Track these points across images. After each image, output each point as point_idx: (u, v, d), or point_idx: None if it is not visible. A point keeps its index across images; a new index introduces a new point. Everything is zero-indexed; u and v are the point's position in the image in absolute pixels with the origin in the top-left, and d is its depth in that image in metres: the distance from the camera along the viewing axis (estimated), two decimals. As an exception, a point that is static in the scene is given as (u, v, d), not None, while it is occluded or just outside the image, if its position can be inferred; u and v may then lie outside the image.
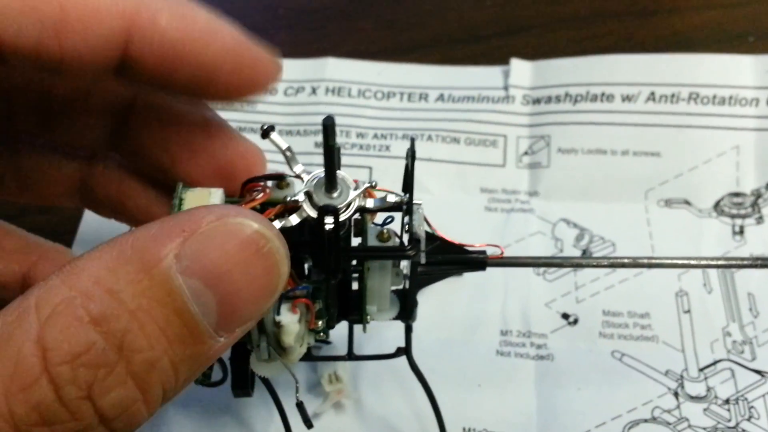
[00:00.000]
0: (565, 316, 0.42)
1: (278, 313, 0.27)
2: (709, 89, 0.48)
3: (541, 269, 0.44)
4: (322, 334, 0.30)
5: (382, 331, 0.41)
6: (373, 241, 0.29)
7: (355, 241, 0.29)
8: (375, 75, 0.53)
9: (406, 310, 0.32)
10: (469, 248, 0.32)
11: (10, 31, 0.24)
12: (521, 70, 0.51)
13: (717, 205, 0.46)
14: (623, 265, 0.34)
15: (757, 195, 0.46)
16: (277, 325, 0.27)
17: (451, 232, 0.46)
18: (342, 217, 0.26)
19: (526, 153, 0.49)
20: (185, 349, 0.22)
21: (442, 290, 0.43)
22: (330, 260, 0.27)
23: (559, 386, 0.39)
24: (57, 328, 0.20)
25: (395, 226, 0.29)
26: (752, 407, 0.38)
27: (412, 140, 0.27)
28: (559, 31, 0.55)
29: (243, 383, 0.32)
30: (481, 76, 0.52)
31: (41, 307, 0.20)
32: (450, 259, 0.31)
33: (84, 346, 0.20)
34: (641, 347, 0.41)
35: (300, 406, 0.32)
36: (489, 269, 0.44)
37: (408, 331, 0.33)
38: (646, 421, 0.38)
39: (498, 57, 0.52)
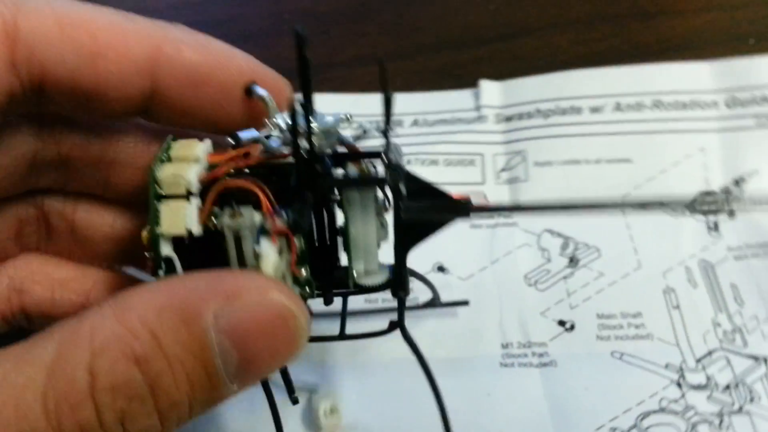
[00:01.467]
0: (562, 323, 0.43)
1: (257, 243, 0.27)
2: (670, 96, 0.50)
3: (533, 281, 0.45)
4: (307, 288, 0.30)
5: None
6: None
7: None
8: (348, 105, 0.53)
9: (398, 278, 0.31)
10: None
11: (52, 59, 0.26)
12: (491, 90, 0.53)
13: (690, 205, 0.48)
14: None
15: (727, 192, 0.48)
16: (257, 257, 0.27)
17: (439, 252, 0.47)
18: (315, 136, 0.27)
19: (503, 169, 0.50)
20: (203, 394, 0.25)
21: (439, 310, 0.44)
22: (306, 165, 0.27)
23: (567, 388, 0.40)
24: (106, 360, 0.23)
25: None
26: (752, 390, 0.39)
27: (381, 62, 0.27)
28: (561, 34, 0.56)
29: None
30: (452, 99, 0.53)
31: (95, 337, 0.23)
32: (433, 204, 0.30)
33: (125, 380, 0.23)
34: (638, 345, 0.42)
35: (285, 374, 0.32)
36: (481, 287, 0.46)
37: (401, 303, 0.32)
38: (655, 411, 0.39)
39: (501, 60, 0.53)
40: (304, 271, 0.29)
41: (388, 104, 0.28)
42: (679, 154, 0.49)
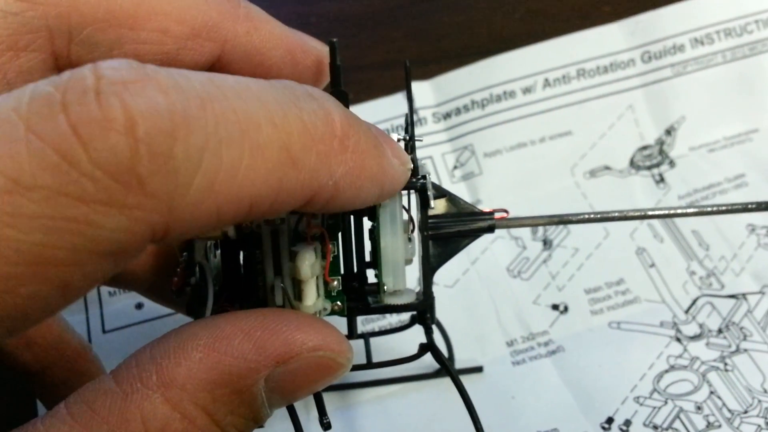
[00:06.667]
0: (555, 306, 0.45)
1: (293, 245, 0.28)
2: (591, 62, 0.52)
3: (516, 271, 0.47)
4: (338, 303, 0.30)
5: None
6: None
7: (367, 224, 0.30)
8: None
9: (425, 293, 0.31)
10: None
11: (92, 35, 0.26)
12: (421, 90, 0.52)
13: (632, 163, 0.51)
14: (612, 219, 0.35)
15: (661, 142, 0.51)
16: (292, 257, 0.27)
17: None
18: None
19: (455, 167, 0.51)
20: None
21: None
22: None
23: (581, 370, 0.42)
24: None
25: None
26: (742, 327, 0.43)
27: (406, 64, 0.29)
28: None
29: None
30: (386, 106, 0.52)
31: (149, 427, 0.23)
32: (460, 218, 0.31)
33: None
34: (630, 311, 0.45)
35: (317, 395, 0.30)
36: (469, 291, 0.46)
37: (428, 325, 0.32)
38: (667, 371, 0.42)
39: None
40: (336, 282, 0.29)
41: (411, 106, 0.30)
42: (612, 117, 0.51)
